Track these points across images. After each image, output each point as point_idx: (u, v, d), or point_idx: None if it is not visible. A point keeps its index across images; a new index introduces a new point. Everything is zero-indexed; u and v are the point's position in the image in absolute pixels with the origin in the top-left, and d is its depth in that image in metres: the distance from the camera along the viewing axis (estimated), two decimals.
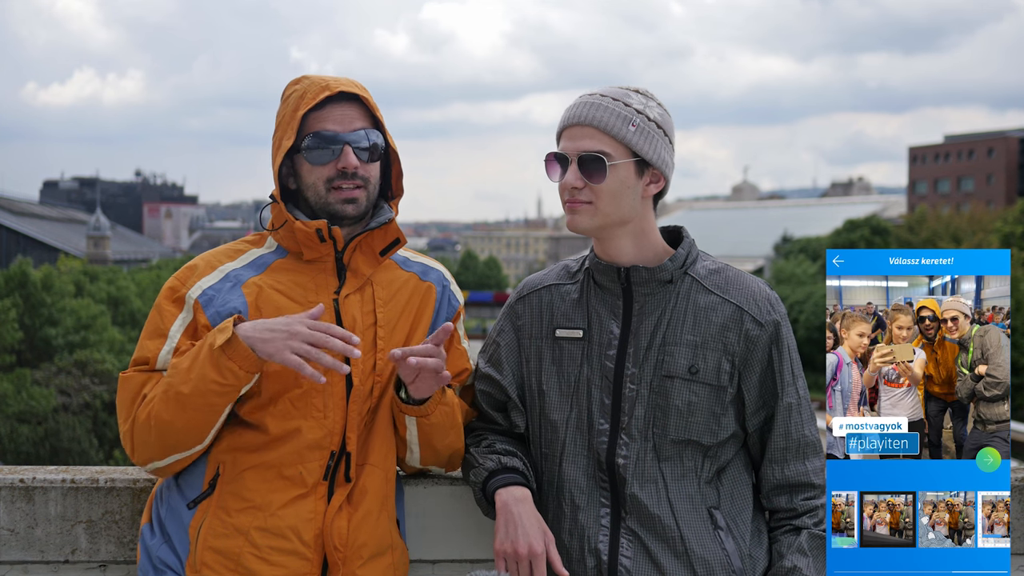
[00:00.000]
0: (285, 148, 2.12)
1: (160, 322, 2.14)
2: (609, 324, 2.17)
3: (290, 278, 2.18)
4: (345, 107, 2.15)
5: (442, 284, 2.34)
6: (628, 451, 2.12)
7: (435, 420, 2.17)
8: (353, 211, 2.16)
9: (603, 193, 2.09)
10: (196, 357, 2.02)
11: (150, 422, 2.05)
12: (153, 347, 2.12)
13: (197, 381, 2.00)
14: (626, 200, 2.12)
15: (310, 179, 2.16)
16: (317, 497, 2.13)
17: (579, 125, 2.10)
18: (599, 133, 2.09)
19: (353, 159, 2.13)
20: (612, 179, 2.09)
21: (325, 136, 2.12)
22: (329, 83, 2.12)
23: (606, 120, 2.08)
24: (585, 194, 2.10)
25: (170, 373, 2.05)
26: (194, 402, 2.02)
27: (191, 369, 2.01)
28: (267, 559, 2.09)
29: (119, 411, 2.13)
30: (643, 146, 2.10)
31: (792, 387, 2.16)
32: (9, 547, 2.47)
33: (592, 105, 2.10)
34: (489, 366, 2.30)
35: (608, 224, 2.13)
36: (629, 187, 2.11)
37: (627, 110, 2.10)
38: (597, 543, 2.12)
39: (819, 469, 2.17)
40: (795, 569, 2.10)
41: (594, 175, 2.09)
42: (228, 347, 1.97)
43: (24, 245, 68.63)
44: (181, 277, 2.18)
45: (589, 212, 2.11)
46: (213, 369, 1.99)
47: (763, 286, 2.20)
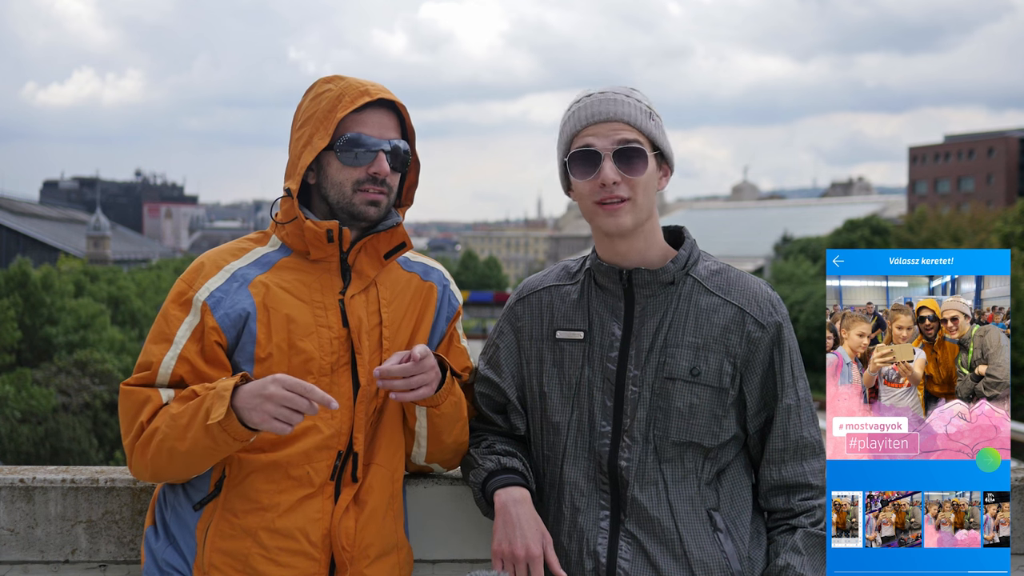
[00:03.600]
0: (319, 147, 2.13)
1: (166, 327, 2.13)
2: (611, 326, 2.17)
3: (296, 277, 2.18)
4: (382, 114, 2.18)
5: (443, 284, 2.35)
6: (631, 453, 2.12)
7: (445, 410, 2.18)
8: (375, 214, 2.18)
9: (640, 186, 2.09)
10: (193, 417, 2.01)
11: (145, 460, 2.07)
12: (158, 352, 2.12)
13: (192, 443, 2.01)
14: (652, 194, 2.13)
15: (338, 178, 2.17)
16: (324, 497, 2.14)
17: (607, 121, 2.09)
18: (629, 126, 2.09)
19: (386, 166, 2.16)
20: (648, 171, 2.10)
21: (365, 141, 2.15)
22: (368, 88, 2.15)
23: (632, 114, 2.09)
24: (622, 189, 2.08)
25: (167, 424, 2.04)
26: (189, 458, 2.04)
27: (187, 429, 2.01)
28: (275, 560, 2.09)
29: (121, 421, 2.14)
30: (661, 139, 2.13)
31: (792, 388, 2.16)
32: (9, 547, 2.47)
33: (614, 101, 2.10)
34: (488, 368, 2.30)
35: (642, 221, 2.13)
36: (654, 180, 2.13)
37: (642, 104, 2.12)
38: (596, 545, 2.12)
39: (818, 470, 2.16)
40: (788, 567, 2.09)
41: (634, 167, 2.08)
42: (224, 421, 1.97)
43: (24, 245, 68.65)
44: (188, 279, 2.17)
45: (630, 210, 2.10)
46: (207, 437, 2.00)
47: (765, 287, 2.19)
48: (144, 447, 2.07)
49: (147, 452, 2.07)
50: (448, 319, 2.33)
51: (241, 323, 2.12)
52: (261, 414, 1.95)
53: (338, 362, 2.15)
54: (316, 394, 1.94)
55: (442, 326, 2.32)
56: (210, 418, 1.96)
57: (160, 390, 2.10)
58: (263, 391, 1.95)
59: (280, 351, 2.11)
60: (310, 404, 1.95)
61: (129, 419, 2.11)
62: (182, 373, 2.10)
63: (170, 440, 2.03)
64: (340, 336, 2.15)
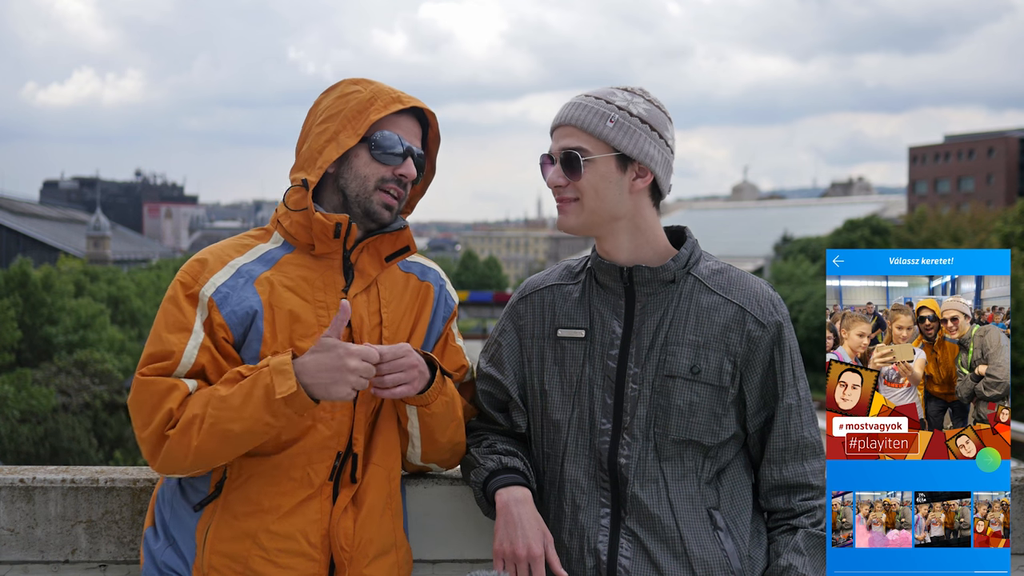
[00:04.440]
0: (346, 144, 2.15)
1: (181, 316, 2.10)
2: (611, 324, 2.17)
3: (299, 274, 2.18)
4: (411, 122, 2.24)
5: (439, 284, 2.36)
6: (630, 451, 2.12)
7: (436, 410, 2.18)
8: (388, 217, 2.21)
9: (584, 189, 2.14)
10: (248, 396, 1.99)
11: (188, 448, 2.02)
12: (177, 341, 2.08)
13: (250, 422, 2.00)
14: (610, 195, 2.14)
15: (364, 171, 2.19)
16: (323, 498, 2.14)
17: (561, 126, 2.18)
18: (577, 131, 2.15)
19: (413, 171, 2.21)
20: (591, 174, 2.13)
21: (399, 142, 2.19)
22: (400, 96, 2.20)
23: (583, 118, 2.14)
24: (569, 191, 2.16)
25: (217, 407, 2.00)
26: (243, 438, 2.02)
27: (243, 408, 1.99)
28: (275, 561, 2.09)
29: (136, 415, 2.08)
30: (621, 141, 2.13)
31: (793, 388, 2.16)
32: (9, 547, 2.47)
33: (574, 105, 2.17)
34: (490, 366, 2.30)
35: (597, 221, 2.17)
36: (612, 182, 2.14)
37: (607, 107, 2.14)
38: (596, 543, 2.12)
39: (818, 470, 2.16)
40: (790, 567, 2.10)
41: (572, 171, 2.15)
42: (291, 396, 1.97)
43: (24, 245, 68.67)
44: (192, 272, 2.15)
45: (575, 210, 2.17)
46: (268, 413, 1.99)
47: (766, 287, 2.20)
48: (184, 434, 2.01)
49: (189, 439, 2.01)
50: (444, 319, 2.34)
51: (248, 320, 2.11)
52: (342, 386, 1.99)
53: None
54: (377, 356, 2.03)
55: (439, 326, 2.33)
56: (276, 393, 1.97)
57: (183, 379, 2.06)
58: (343, 364, 1.99)
59: (284, 350, 2.11)
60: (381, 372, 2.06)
61: (149, 409, 2.05)
62: (204, 362, 2.08)
63: (223, 423, 2.00)
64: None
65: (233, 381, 2.03)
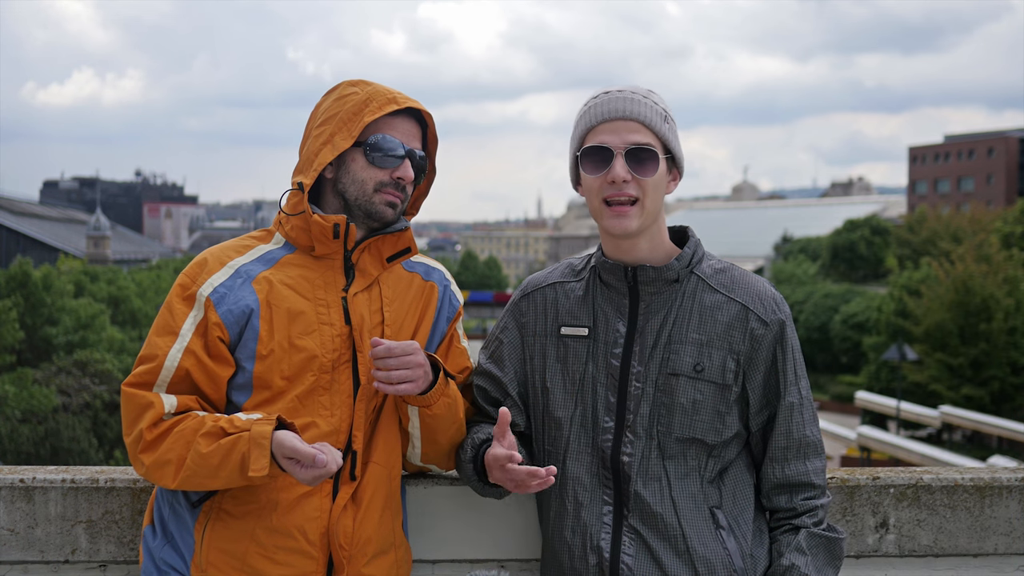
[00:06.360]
0: (341, 146, 2.15)
1: (171, 319, 2.12)
2: (615, 322, 2.17)
3: (299, 273, 2.18)
4: (409, 123, 2.23)
5: (443, 284, 2.35)
6: (633, 449, 2.12)
7: (437, 411, 2.18)
8: (392, 215, 2.21)
9: (649, 188, 2.10)
10: (226, 459, 2.00)
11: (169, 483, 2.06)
12: (163, 344, 2.11)
13: (226, 482, 2.03)
14: (660, 196, 2.14)
15: (361, 175, 2.18)
16: (322, 495, 2.13)
17: (622, 119, 2.11)
18: (643, 127, 2.11)
19: (411, 172, 2.21)
20: (659, 173, 2.11)
21: (395, 145, 2.19)
22: (396, 97, 2.19)
23: (647, 115, 2.10)
24: (632, 188, 2.10)
25: (196, 462, 2.02)
26: (221, 486, 2.07)
27: (220, 469, 2.01)
28: (273, 558, 2.09)
29: (123, 420, 2.13)
30: (674, 143, 2.14)
31: (795, 387, 2.16)
32: (9, 547, 2.47)
33: (632, 100, 2.11)
34: (490, 362, 2.30)
35: (648, 223, 2.14)
36: (663, 182, 2.14)
37: (659, 107, 2.13)
38: (599, 540, 2.11)
39: (820, 469, 2.16)
40: (793, 567, 2.09)
41: (645, 168, 2.10)
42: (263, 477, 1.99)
43: (24, 245, 68.67)
44: (191, 274, 2.17)
45: (638, 213, 2.11)
46: (243, 479, 2.02)
47: (768, 286, 2.20)
48: (161, 470, 2.05)
49: (167, 479, 2.05)
50: (449, 319, 2.33)
51: (244, 319, 2.12)
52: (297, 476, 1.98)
53: (339, 360, 2.15)
54: (332, 467, 1.94)
55: (443, 326, 2.32)
56: (250, 470, 1.98)
57: (162, 396, 2.08)
58: (294, 472, 1.96)
59: (282, 348, 2.11)
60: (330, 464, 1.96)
61: (130, 421, 2.10)
62: (188, 366, 2.09)
63: (199, 477, 2.03)
64: (342, 334, 2.15)
65: (215, 436, 2.03)
